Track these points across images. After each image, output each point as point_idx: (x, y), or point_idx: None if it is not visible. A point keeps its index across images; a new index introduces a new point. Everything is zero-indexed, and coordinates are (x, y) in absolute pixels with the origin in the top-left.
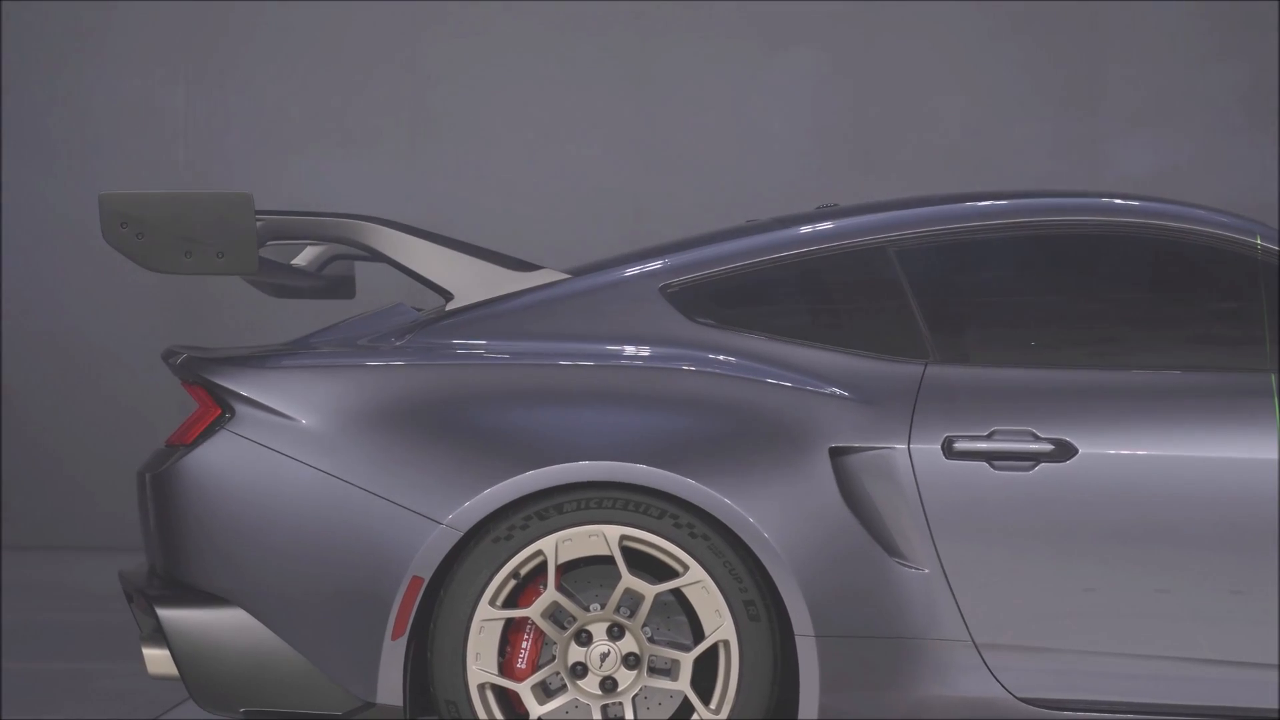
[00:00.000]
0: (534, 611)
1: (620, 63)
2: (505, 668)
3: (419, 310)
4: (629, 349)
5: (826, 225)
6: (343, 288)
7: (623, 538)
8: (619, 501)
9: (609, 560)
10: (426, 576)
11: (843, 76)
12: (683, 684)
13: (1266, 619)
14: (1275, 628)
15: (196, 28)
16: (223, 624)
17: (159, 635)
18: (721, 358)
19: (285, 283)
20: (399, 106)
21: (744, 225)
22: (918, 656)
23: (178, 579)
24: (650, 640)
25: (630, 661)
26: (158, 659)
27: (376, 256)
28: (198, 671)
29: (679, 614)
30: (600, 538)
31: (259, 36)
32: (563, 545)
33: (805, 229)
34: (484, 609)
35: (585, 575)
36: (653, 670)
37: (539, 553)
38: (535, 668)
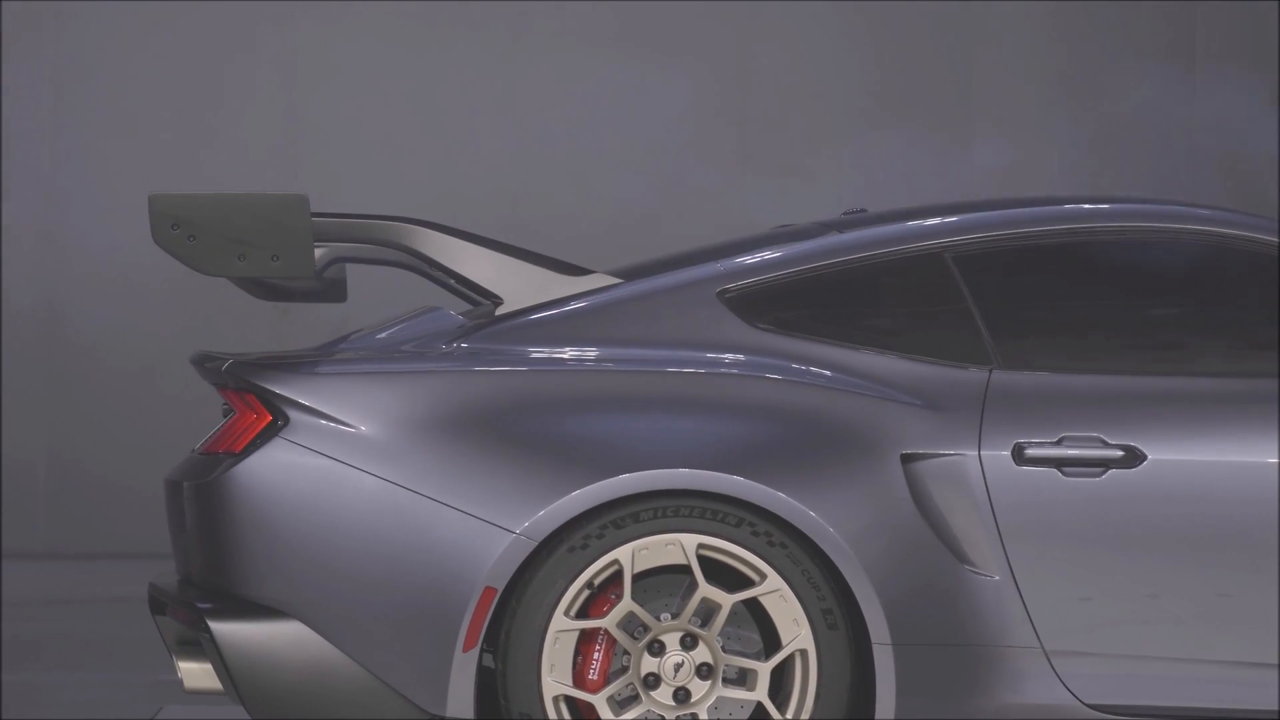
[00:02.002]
0: (609, 622)
1: (498, 58)
2: (576, 679)
3: (461, 315)
4: (693, 355)
5: (883, 230)
6: (334, 291)
7: (699, 546)
8: (696, 510)
9: (679, 569)
10: (500, 587)
11: (715, 79)
12: (760, 694)
13: None
14: None
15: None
16: (280, 637)
17: (195, 648)
18: (787, 364)
19: (278, 285)
20: (268, 102)
21: (789, 229)
22: (989, 664)
23: (228, 591)
24: (723, 650)
25: (703, 672)
26: (196, 673)
27: (422, 259)
28: (254, 686)
29: (749, 623)
30: (677, 546)
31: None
32: (639, 554)
33: (861, 233)
34: (559, 620)
35: (654, 584)
36: (725, 680)
37: (614, 562)
38: (606, 679)
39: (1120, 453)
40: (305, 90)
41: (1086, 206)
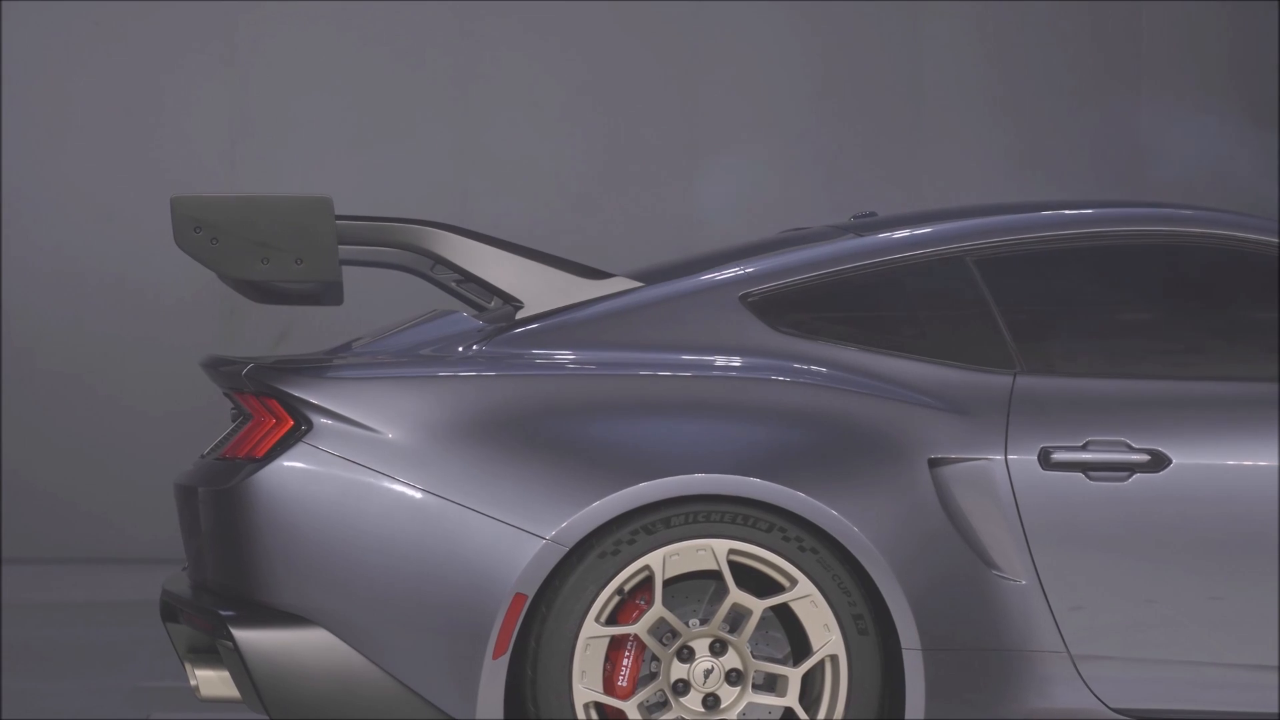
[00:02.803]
0: (640, 628)
1: (445, 57)
2: (605, 685)
3: (476, 318)
4: (719, 359)
5: (905, 233)
6: (331, 293)
7: (730, 551)
8: (727, 515)
9: (707, 575)
10: (530, 594)
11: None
12: (790, 699)
13: None
14: None
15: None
16: (305, 645)
17: (210, 656)
18: (812, 368)
19: (273, 287)
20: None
21: (802, 232)
22: (1016, 668)
23: (249, 598)
24: (753, 655)
25: (732, 678)
26: (213, 680)
27: (442, 263)
28: (279, 694)
29: (776, 628)
30: (708, 552)
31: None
32: (670, 560)
33: (883, 237)
34: (590, 626)
35: (681, 590)
36: (753, 686)
37: (644, 568)
38: (635, 685)
39: (1146, 457)
40: (251, 89)
41: (1107, 211)
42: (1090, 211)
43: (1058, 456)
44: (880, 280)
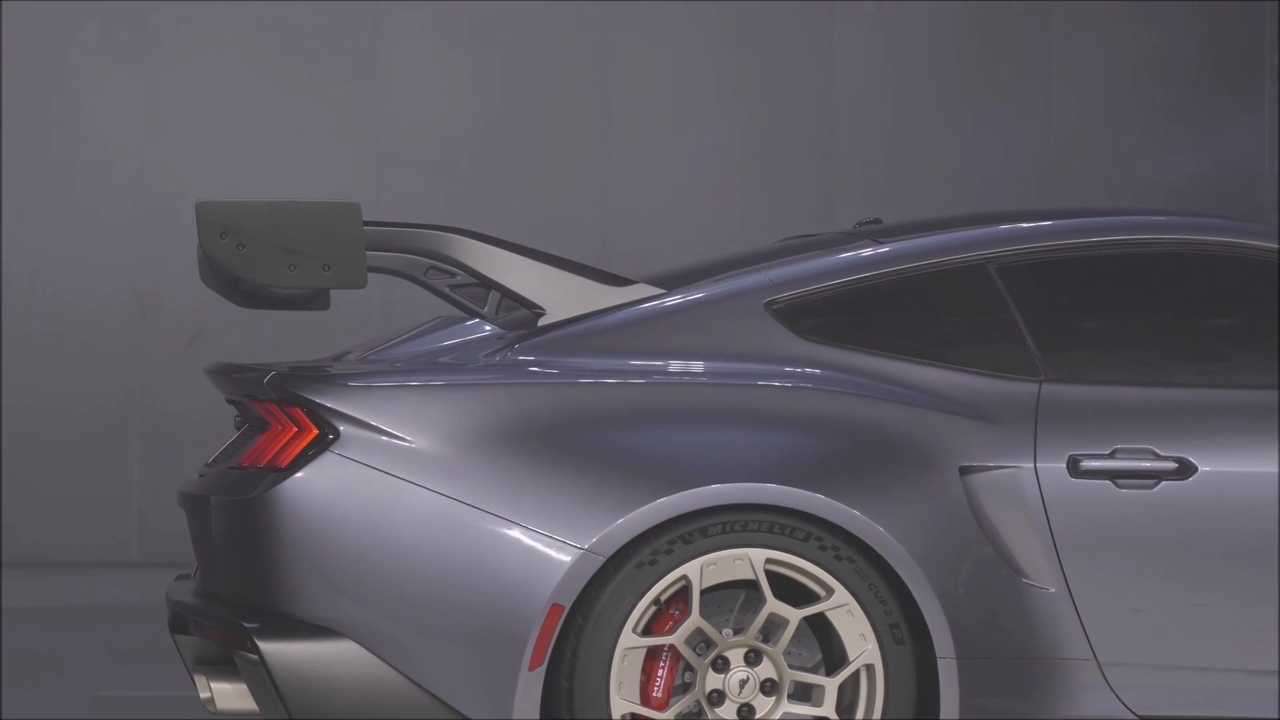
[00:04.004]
0: (677, 638)
1: (357, 56)
2: (639, 696)
3: (497, 326)
4: (748, 367)
5: (927, 240)
6: (318, 299)
7: (767, 561)
8: (764, 524)
9: (742, 585)
10: (568, 604)
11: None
12: (828, 709)
13: None
14: None
15: None
16: (332, 657)
17: (225, 668)
18: (843, 376)
19: (260, 292)
20: (128, 103)
21: (812, 239)
22: (1046, 676)
23: (272, 609)
24: (789, 666)
25: (767, 688)
26: (229, 693)
27: (463, 269)
28: (305, 707)
29: (808, 637)
30: (745, 561)
31: None
32: (707, 570)
33: (905, 244)
34: (627, 637)
35: (714, 600)
36: (788, 696)
37: (681, 578)
38: (669, 695)
39: (1173, 464)
40: (163, 87)
41: (1128, 218)
42: (1111, 219)
43: (1087, 464)
44: (905, 288)
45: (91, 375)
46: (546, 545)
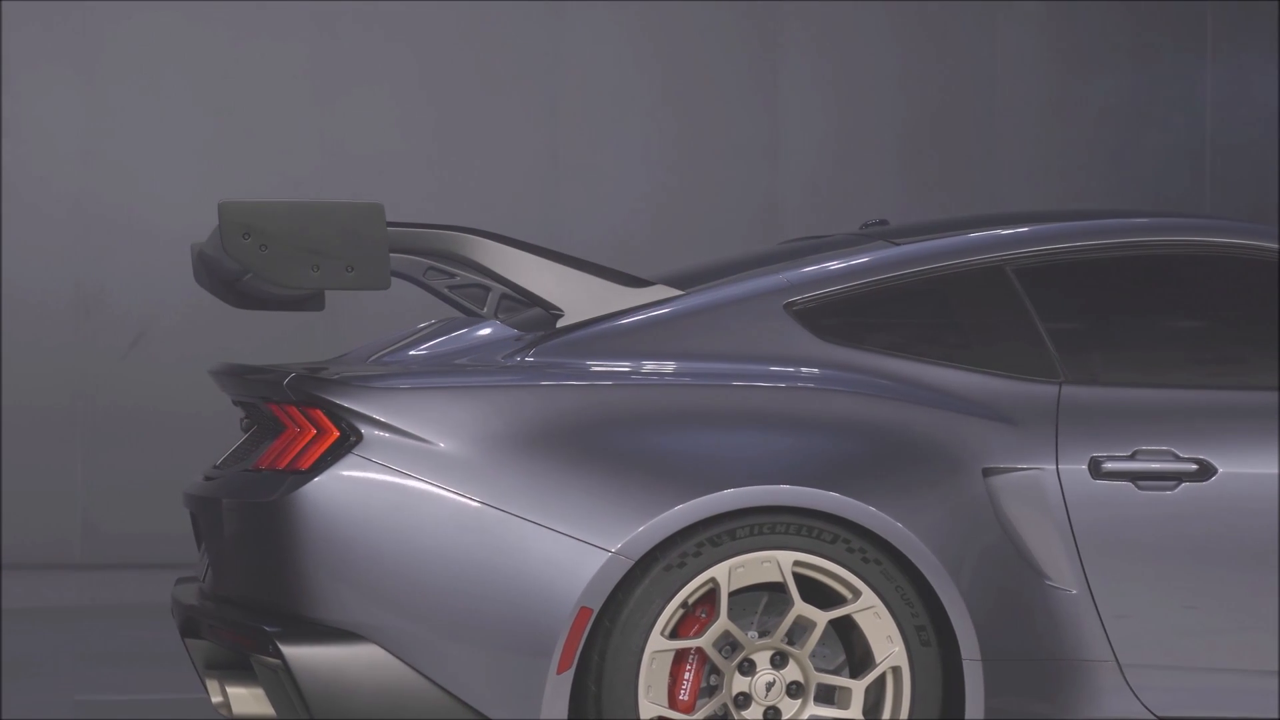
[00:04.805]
0: (705, 641)
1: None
2: (666, 699)
3: (511, 327)
4: (770, 369)
5: (944, 242)
6: (313, 300)
7: (795, 563)
8: (791, 527)
9: (764, 587)
10: (596, 607)
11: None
12: (854, 711)
13: None
14: None
15: None
16: (356, 661)
17: (239, 672)
18: (866, 378)
19: (253, 292)
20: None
21: (824, 240)
22: (1068, 677)
23: (291, 613)
24: (822, 669)
25: (792, 690)
26: (245, 698)
27: (480, 271)
28: (329, 712)
29: (832, 640)
30: (773, 564)
31: None
32: (735, 572)
33: (922, 245)
34: (656, 640)
35: (738, 603)
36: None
37: (709, 581)
38: (694, 698)
39: (1193, 466)
40: (105, 87)
41: (1145, 220)
42: (1128, 221)
43: (1108, 466)
44: (924, 289)
45: (36, 375)
46: (574, 548)
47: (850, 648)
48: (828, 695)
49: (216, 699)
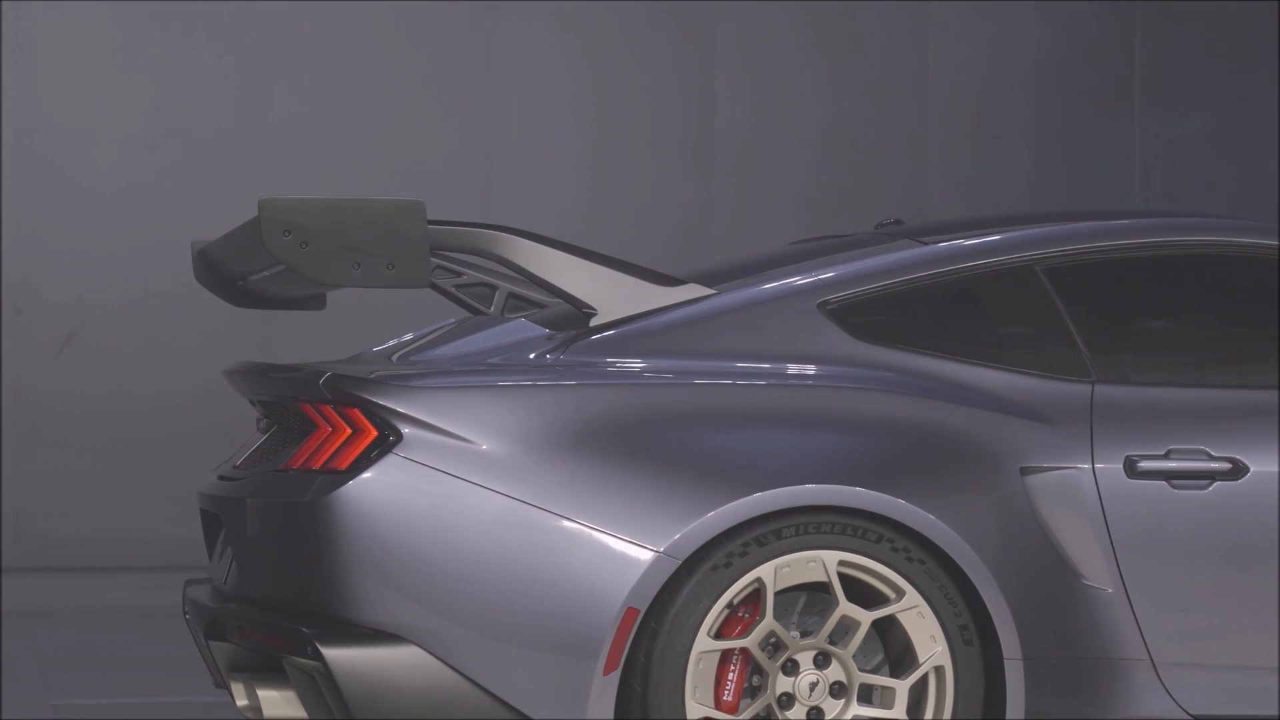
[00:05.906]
0: (751, 641)
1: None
2: (712, 700)
3: (544, 326)
4: (809, 369)
5: (976, 241)
6: (315, 300)
7: (840, 563)
8: (836, 526)
9: (804, 587)
10: (643, 608)
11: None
12: (899, 711)
13: None
14: None
15: None
16: (397, 662)
17: (268, 675)
18: (904, 377)
19: (254, 290)
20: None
21: (847, 239)
22: (1104, 675)
23: (327, 615)
24: (859, 669)
25: (835, 690)
26: (276, 700)
27: (515, 269)
28: (370, 714)
29: (873, 639)
30: (818, 564)
31: None
32: (780, 572)
33: (954, 244)
34: (702, 640)
35: (781, 602)
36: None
37: (755, 581)
38: (738, 698)
39: (1226, 465)
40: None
41: (1175, 220)
42: (1158, 220)
43: (1143, 465)
44: (955, 288)
45: None
46: (620, 548)
47: (887, 647)
48: (867, 695)
49: (242, 702)
